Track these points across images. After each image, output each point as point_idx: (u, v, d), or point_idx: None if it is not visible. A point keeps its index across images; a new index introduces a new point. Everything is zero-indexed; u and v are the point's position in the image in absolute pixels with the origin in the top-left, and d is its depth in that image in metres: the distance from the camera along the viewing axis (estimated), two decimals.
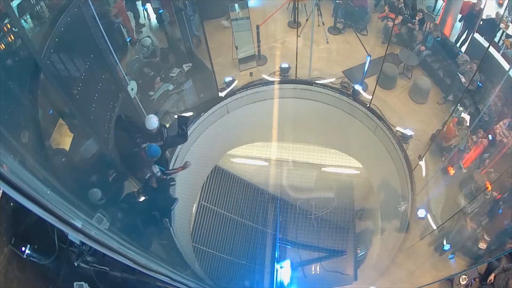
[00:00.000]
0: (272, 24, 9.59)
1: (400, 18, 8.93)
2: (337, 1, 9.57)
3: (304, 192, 10.91)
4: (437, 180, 7.28)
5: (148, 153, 5.33)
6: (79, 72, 4.96)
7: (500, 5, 8.94)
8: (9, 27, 3.76)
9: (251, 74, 8.62)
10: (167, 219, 5.68)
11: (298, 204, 10.63)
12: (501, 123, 6.98)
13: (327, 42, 9.40)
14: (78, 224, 2.37)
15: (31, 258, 3.05)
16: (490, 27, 8.07)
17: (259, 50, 8.88)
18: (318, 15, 9.17)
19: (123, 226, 4.76)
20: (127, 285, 3.54)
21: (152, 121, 5.48)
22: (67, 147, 4.54)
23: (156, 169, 5.53)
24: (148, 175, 5.39)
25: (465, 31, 8.67)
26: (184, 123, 6.28)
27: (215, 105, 8.19)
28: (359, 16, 9.58)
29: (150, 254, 4.72)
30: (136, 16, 8.02)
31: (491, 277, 5.62)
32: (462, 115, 7.46)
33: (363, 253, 9.14)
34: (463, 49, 8.58)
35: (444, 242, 6.53)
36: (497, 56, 7.64)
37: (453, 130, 7.29)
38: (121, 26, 7.48)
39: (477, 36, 8.40)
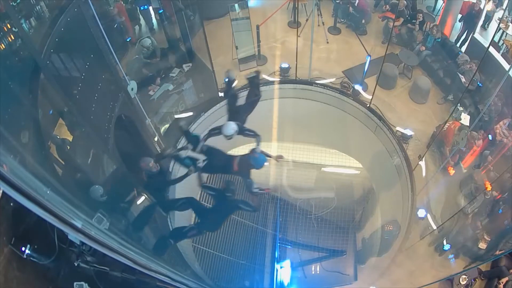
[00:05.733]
0: (272, 24, 9.58)
1: (401, 20, 8.94)
2: (337, 1, 9.57)
3: (304, 192, 10.90)
4: (437, 180, 7.28)
5: (258, 164, 5.21)
6: (79, 72, 4.96)
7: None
8: (9, 27, 3.76)
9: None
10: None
11: (298, 204, 10.61)
12: (501, 123, 6.97)
13: (327, 42, 9.40)
14: (78, 224, 2.37)
15: (31, 258, 3.05)
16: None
17: (259, 50, 8.88)
18: (318, 15, 9.17)
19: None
20: (127, 285, 3.54)
21: (231, 127, 5.21)
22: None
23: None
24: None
25: (465, 31, 8.67)
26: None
27: (215, 105, 8.19)
28: (357, 17, 9.59)
29: (150, 254, 4.71)
30: (137, 17, 8.03)
31: (504, 280, 5.57)
32: (463, 118, 7.44)
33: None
34: (463, 49, 8.57)
35: (444, 242, 6.53)
36: (497, 56, 7.63)
37: (452, 133, 7.28)
38: (121, 26, 7.49)
39: (477, 36, 8.41)
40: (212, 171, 5.61)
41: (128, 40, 7.70)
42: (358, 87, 8.27)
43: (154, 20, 8.21)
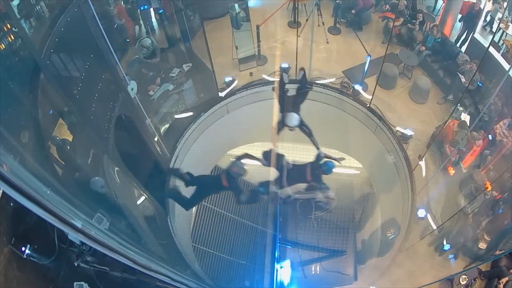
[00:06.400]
0: (272, 24, 9.58)
1: (401, 20, 8.94)
2: (337, 1, 9.57)
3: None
4: (437, 180, 7.28)
5: (330, 170, 5.57)
6: (79, 72, 4.95)
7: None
8: (9, 27, 3.76)
9: (251, 74, 8.61)
10: None
11: (298, 204, 10.61)
12: (501, 123, 6.97)
13: (327, 42, 9.40)
14: (78, 224, 2.37)
15: (31, 258, 3.06)
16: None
17: (259, 50, 8.88)
18: (318, 15, 9.17)
19: None
20: (127, 285, 3.54)
21: (295, 117, 5.48)
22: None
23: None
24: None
25: (465, 31, 8.67)
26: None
27: (215, 105, 8.19)
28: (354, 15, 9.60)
29: (150, 254, 4.72)
30: (137, 17, 8.03)
31: (504, 280, 5.57)
32: (463, 118, 7.45)
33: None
34: (463, 49, 8.57)
35: (444, 242, 6.53)
36: (497, 56, 7.63)
37: (452, 130, 7.29)
38: (121, 26, 7.49)
39: (477, 36, 8.41)
40: (288, 185, 5.95)
41: (127, 40, 7.70)
42: (358, 87, 8.27)
43: (154, 20, 8.21)
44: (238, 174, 5.58)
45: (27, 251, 2.99)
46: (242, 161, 5.74)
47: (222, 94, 8.20)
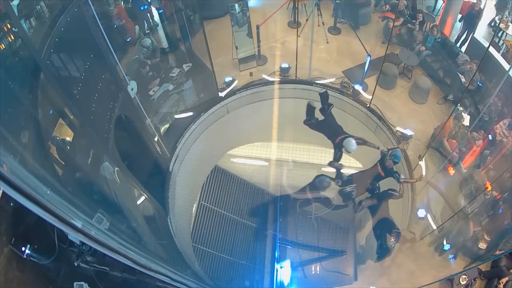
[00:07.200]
0: (272, 24, 9.59)
1: (401, 20, 8.95)
2: (337, 1, 9.57)
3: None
4: (437, 180, 7.28)
5: (398, 158, 5.66)
6: (79, 72, 4.96)
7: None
8: (9, 27, 3.76)
9: (251, 74, 8.61)
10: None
11: (298, 204, 10.60)
12: (501, 123, 6.97)
13: (327, 42, 9.40)
14: (78, 224, 2.36)
15: (31, 258, 3.05)
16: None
17: (259, 50, 8.88)
18: (318, 15, 9.17)
19: None
20: (127, 285, 3.54)
21: (353, 143, 5.77)
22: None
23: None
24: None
25: (465, 31, 8.67)
26: None
27: (215, 105, 8.19)
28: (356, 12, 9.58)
29: (150, 254, 4.72)
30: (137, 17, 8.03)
31: (504, 280, 5.58)
32: (461, 114, 7.47)
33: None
34: (463, 49, 8.58)
35: (444, 242, 6.53)
36: (497, 56, 7.63)
37: (449, 126, 7.30)
38: (121, 26, 7.50)
39: (477, 36, 8.41)
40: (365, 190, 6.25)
41: (128, 40, 7.70)
42: (358, 87, 8.27)
43: (154, 20, 8.22)
44: (323, 187, 6.21)
45: (27, 251, 2.99)
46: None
47: (222, 94, 8.20)
